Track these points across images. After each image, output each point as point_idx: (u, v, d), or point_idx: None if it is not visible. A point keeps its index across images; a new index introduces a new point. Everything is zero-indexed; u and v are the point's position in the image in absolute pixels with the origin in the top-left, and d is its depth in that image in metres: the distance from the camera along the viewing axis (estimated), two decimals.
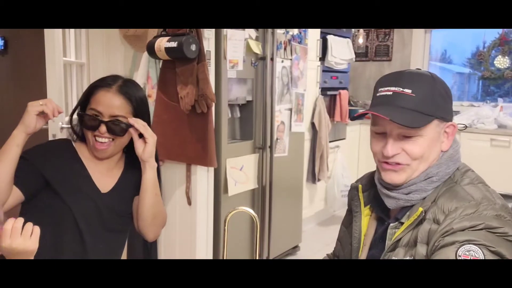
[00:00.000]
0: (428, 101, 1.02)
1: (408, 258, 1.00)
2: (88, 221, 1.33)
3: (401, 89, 1.02)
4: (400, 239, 1.03)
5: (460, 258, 0.89)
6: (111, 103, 1.33)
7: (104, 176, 1.40)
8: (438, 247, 0.94)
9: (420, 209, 1.00)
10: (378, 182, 1.11)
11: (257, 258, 1.06)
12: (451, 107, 1.08)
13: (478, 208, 0.94)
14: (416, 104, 1.01)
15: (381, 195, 1.10)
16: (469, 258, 0.89)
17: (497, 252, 0.89)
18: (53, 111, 1.28)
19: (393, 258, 1.02)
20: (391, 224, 1.07)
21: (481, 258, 0.88)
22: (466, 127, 1.20)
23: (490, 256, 0.89)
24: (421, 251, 0.98)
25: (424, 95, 1.02)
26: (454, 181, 1.04)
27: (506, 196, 1.09)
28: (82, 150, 1.41)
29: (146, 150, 1.35)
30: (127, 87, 1.37)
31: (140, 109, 1.39)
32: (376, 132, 1.07)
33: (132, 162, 1.44)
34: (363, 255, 1.14)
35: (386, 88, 1.05)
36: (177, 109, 2.16)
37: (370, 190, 1.16)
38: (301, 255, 3.25)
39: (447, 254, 0.91)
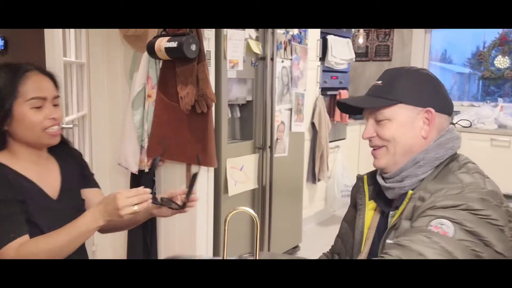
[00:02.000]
0: (392, 87, 1.09)
1: (396, 237, 1.01)
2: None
3: (377, 82, 1.14)
4: (395, 224, 1.06)
5: (430, 228, 0.92)
6: (48, 85, 1.26)
7: (45, 177, 1.31)
8: (417, 217, 0.97)
9: (410, 191, 1.05)
10: (378, 175, 1.17)
11: (257, 258, 1.06)
12: (437, 97, 1.10)
13: (463, 190, 0.97)
14: (380, 91, 1.11)
15: (382, 188, 1.14)
16: (438, 231, 0.91)
17: (475, 232, 0.91)
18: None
19: (388, 241, 1.04)
20: (391, 213, 1.10)
21: (450, 234, 0.91)
22: (470, 124, 1.24)
23: (462, 234, 0.90)
24: (404, 226, 1.01)
25: (389, 82, 1.11)
26: (451, 170, 1.06)
27: (506, 196, 1.09)
28: (11, 162, 1.24)
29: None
30: (43, 68, 1.31)
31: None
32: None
33: (57, 154, 1.36)
34: (365, 248, 1.16)
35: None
36: (177, 109, 2.16)
37: (374, 185, 1.20)
38: (301, 255, 3.25)
39: (421, 223, 0.95)
